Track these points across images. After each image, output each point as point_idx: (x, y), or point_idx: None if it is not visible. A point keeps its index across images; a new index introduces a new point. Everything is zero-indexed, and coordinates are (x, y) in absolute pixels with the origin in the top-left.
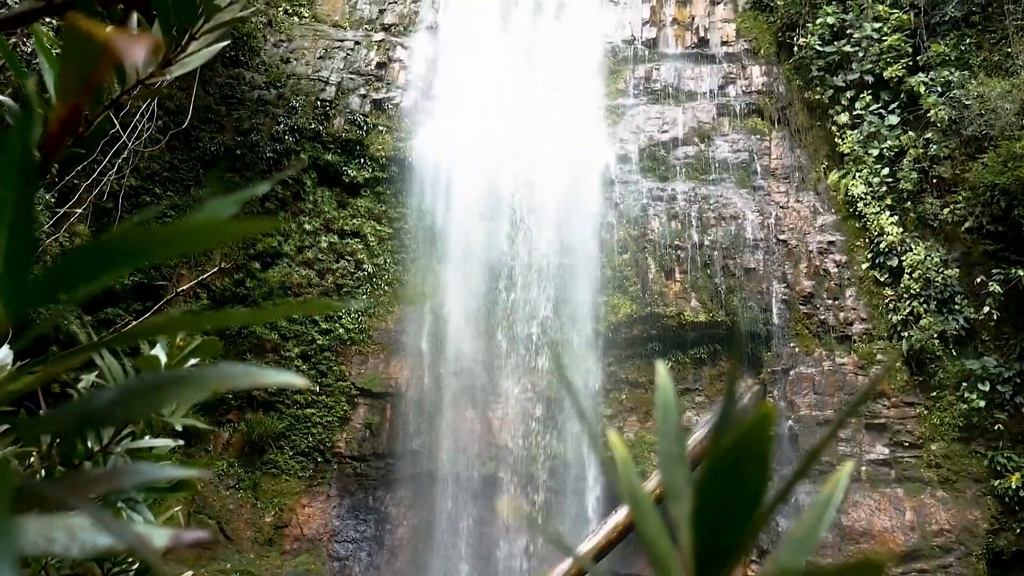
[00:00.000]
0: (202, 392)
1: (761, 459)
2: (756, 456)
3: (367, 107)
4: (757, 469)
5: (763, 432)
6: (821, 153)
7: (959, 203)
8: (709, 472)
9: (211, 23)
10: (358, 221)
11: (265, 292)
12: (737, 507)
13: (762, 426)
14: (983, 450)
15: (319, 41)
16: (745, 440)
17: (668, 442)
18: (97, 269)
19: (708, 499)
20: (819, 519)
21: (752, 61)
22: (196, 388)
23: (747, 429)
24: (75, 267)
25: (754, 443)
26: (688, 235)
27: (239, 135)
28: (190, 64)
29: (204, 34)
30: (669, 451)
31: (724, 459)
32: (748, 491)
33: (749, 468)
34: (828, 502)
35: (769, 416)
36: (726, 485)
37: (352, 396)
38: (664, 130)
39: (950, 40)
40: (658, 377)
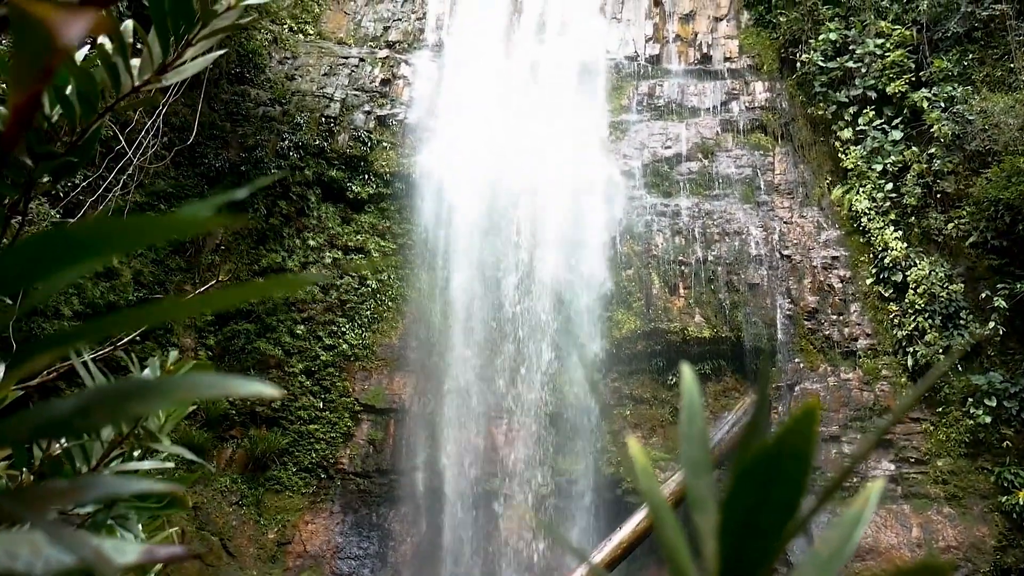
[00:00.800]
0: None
1: (801, 463)
2: (796, 460)
3: (371, 123)
4: (795, 475)
5: (806, 432)
6: (825, 168)
7: (963, 218)
8: (739, 479)
9: (208, 30)
10: (362, 237)
11: (269, 308)
12: (769, 518)
13: (805, 425)
14: (990, 466)
15: (324, 58)
16: (785, 442)
17: (693, 448)
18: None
19: (737, 509)
20: (847, 537)
21: (755, 77)
22: (162, 398)
23: (788, 428)
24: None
25: (795, 445)
26: (692, 251)
27: (244, 151)
28: (187, 71)
29: (201, 41)
30: (694, 457)
31: (757, 465)
32: (782, 500)
33: (786, 474)
34: (858, 520)
35: (814, 414)
36: (758, 494)
37: (355, 412)
38: (668, 146)
39: (953, 56)
40: (684, 380)
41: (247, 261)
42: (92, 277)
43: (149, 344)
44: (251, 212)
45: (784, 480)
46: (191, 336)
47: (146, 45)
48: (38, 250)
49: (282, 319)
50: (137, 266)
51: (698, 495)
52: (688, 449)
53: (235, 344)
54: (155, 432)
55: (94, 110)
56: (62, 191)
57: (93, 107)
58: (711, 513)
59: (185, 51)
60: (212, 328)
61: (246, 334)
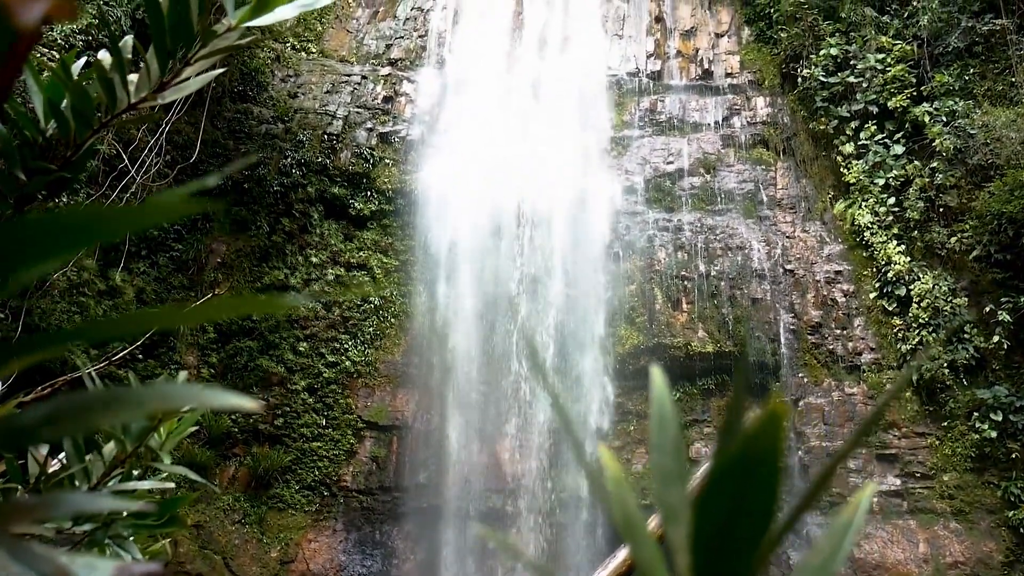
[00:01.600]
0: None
1: (771, 468)
2: (765, 464)
3: (373, 140)
4: (766, 481)
5: (773, 435)
6: (827, 183)
7: (966, 232)
8: (710, 487)
9: (208, 49)
10: (364, 254)
11: (272, 325)
12: (743, 528)
13: (771, 427)
14: (996, 480)
15: (326, 76)
16: (752, 446)
17: (663, 456)
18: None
19: (709, 519)
20: (837, 546)
21: (756, 92)
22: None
23: (754, 432)
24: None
25: (763, 449)
26: (695, 265)
27: (247, 169)
28: (185, 89)
29: (200, 60)
30: (664, 466)
31: (728, 472)
32: (756, 509)
33: (757, 480)
34: (847, 528)
35: (779, 415)
36: (730, 502)
37: (358, 429)
38: (670, 161)
39: (954, 70)
40: (653, 384)
41: (250, 278)
42: (95, 295)
43: (151, 363)
44: (253, 229)
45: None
46: (194, 354)
47: (145, 62)
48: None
49: (285, 336)
50: (140, 284)
51: (670, 506)
52: (658, 458)
53: (238, 361)
54: (156, 450)
55: (90, 126)
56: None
57: (89, 123)
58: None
59: (184, 69)
60: (215, 346)
61: (248, 351)
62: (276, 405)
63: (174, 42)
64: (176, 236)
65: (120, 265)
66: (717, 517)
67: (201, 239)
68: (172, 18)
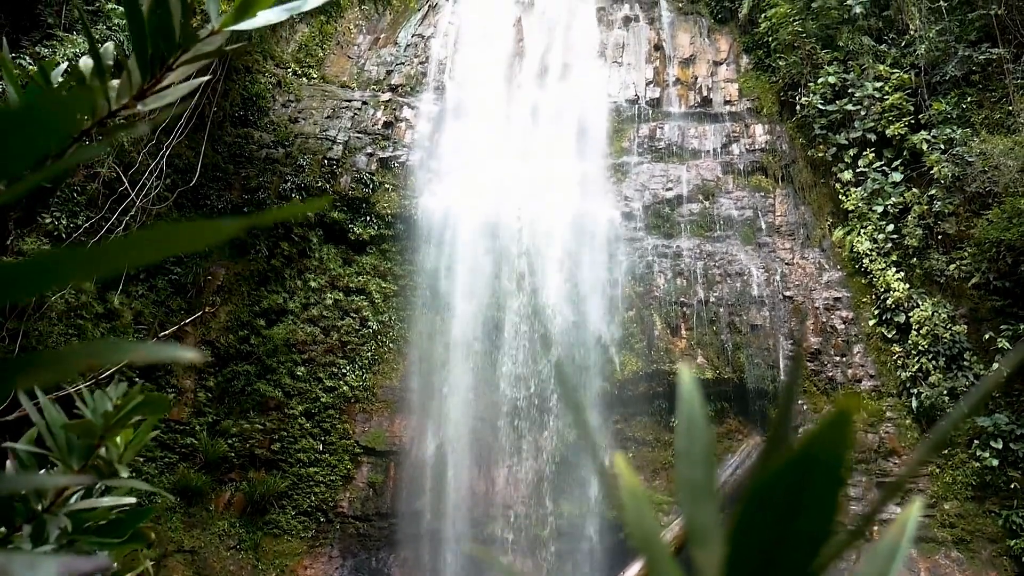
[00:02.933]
0: (66, 371)
1: (833, 480)
2: (826, 476)
3: (373, 165)
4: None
5: (840, 440)
6: (825, 210)
7: (965, 259)
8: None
9: (190, 55)
10: (363, 278)
11: (270, 349)
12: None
13: (839, 431)
14: (997, 509)
15: (327, 101)
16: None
17: (692, 466)
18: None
19: (749, 541)
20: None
21: (755, 120)
22: (60, 366)
23: (817, 435)
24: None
25: (826, 456)
26: (694, 292)
27: (246, 193)
28: (167, 97)
29: (183, 65)
30: (694, 480)
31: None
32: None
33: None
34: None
35: (848, 415)
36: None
37: (356, 454)
38: (669, 188)
39: (951, 99)
40: (681, 383)
41: (248, 302)
42: (92, 318)
43: (149, 385)
44: (252, 253)
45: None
46: (191, 377)
47: (127, 69)
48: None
49: (282, 360)
50: (138, 307)
51: (699, 525)
52: (687, 469)
53: (235, 385)
54: (113, 462)
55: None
56: (64, 231)
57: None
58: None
59: (166, 76)
60: (212, 370)
61: (246, 375)
62: (273, 430)
63: (155, 47)
64: (175, 259)
65: (119, 288)
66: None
67: (200, 263)
68: (153, 22)
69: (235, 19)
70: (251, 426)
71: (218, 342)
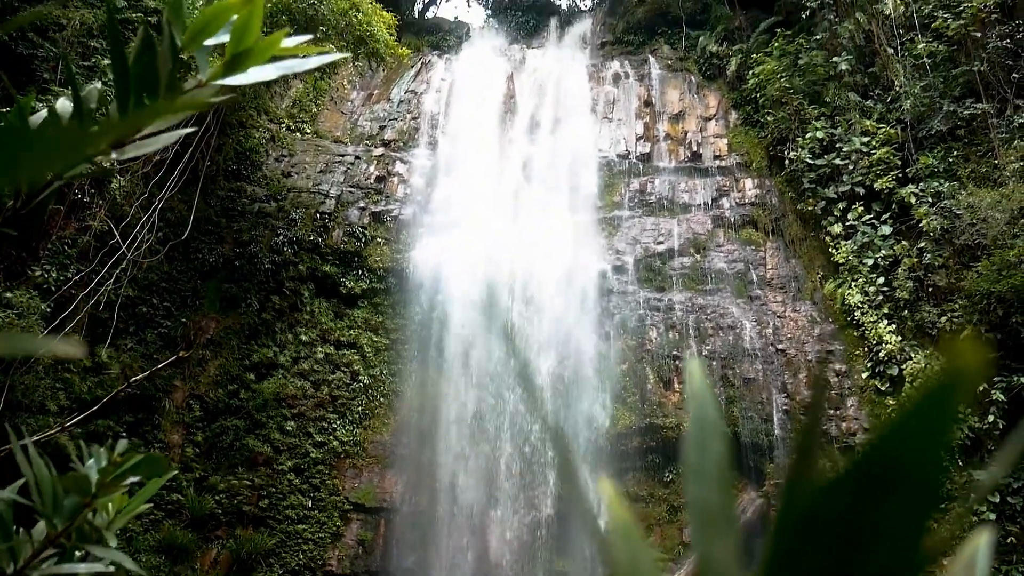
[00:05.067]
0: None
1: (924, 489)
2: (914, 484)
3: (366, 219)
4: (911, 515)
5: (939, 426)
6: (816, 263)
7: (956, 311)
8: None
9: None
10: (355, 332)
11: (259, 403)
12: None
13: (939, 409)
14: (996, 564)
15: (320, 156)
16: (895, 451)
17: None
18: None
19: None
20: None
21: (745, 174)
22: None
23: (914, 412)
24: None
25: (916, 455)
26: (686, 345)
27: (238, 246)
28: (146, 147)
29: (166, 115)
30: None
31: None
32: (883, 564)
33: (894, 512)
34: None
35: (955, 387)
36: (835, 552)
37: (345, 511)
38: (660, 241)
39: (937, 152)
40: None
41: (238, 356)
42: (80, 371)
43: (135, 440)
44: (243, 307)
45: (888, 526)
46: (179, 432)
47: (108, 114)
48: None
49: (272, 415)
50: (126, 360)
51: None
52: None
53: (223, 440)
54: (101, 529)
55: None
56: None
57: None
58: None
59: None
60: (200, 424)
61: (235, 430)
62: (261, 486)
63: (138, 95)
64: (165, 313)
65: (107, 341)
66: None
67: (190, 315)
68: (137, 69)
69: (224, 73)
70: (239, 482)
71: (207, 396)
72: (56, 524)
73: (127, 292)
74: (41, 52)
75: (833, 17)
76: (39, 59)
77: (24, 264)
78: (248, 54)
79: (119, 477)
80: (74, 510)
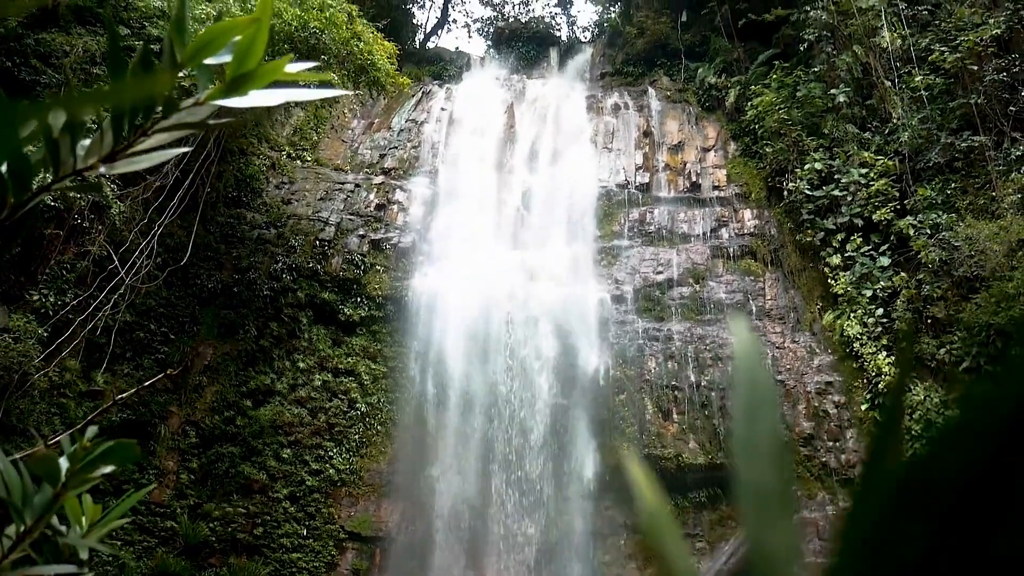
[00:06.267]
0: None
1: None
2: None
3: (365, 247)
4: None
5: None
6: (815, 294)
7: (955, 343)
8: (882, 503)
9: (170, 121)
10: (353, 360)
11: (256, 430)
12: None
13: None
14: None
15: (320, 183)
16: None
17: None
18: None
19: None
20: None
21: (744, 205)
22: None
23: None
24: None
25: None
26: (685, 375)
27: (237, 272)
28: (138, 164)
29: (159, 132)
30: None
31: (947, 461)
32: None
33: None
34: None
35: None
36: (948, 529)
37: (340, 540)
38: (659, 271)
39: (935, 184)
40: (738, 339)
41: (235, 383)
42: (76, 396)
43: (130, 466)
44: (241, 333)
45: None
46: (174, 458)
47: (101, 129)
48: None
49: (268, 442)
50: (122, 386)
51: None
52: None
53: (219, 468)
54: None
55: (27, 188)
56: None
57: (25, 185)
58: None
59: (139, 141)
60: (196, 451)
61: (231, 457)
62: (256, 513)
63: (133, 110)
64: (162, 338)
65: (103, 366)
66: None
67: (188, 342)
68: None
69: (223, 94)
70: (234, 509)
71: (203, 423)
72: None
73: (125, 317)
74: (44, 79)
75: (831, 50)
76: (41, 85)
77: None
78: (250, 76)
79: (90, 464)
80: (44, 505)
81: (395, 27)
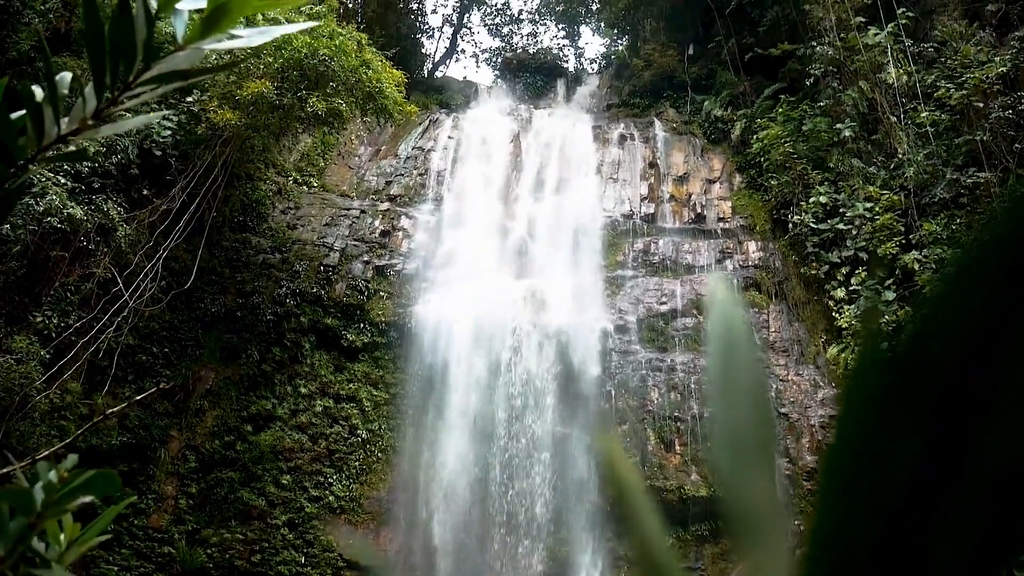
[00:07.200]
0: None
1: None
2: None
3: (370, 273)
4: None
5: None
6: (819, 327)
7: None
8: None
9: (152, 72)
10: (355, 385)
11: (256, 456)
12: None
13: None
14: None
15: (326, 209)
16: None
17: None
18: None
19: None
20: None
21: (748, 237)
22: None
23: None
24: None
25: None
26: (688, 406)
27: (241, 297)
28: (125, 124)
29: (143, 86)
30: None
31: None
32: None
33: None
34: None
35: None
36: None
37: (338, 568)
38: (663, 301)
39: (941, 219)
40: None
41: (236, 407)
42: (75, 418)
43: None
44: (243, 357)
45: None
46: (173, 483)
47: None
48: None
49: (268, 468)
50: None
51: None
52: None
53: (217, 493)
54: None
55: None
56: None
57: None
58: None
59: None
60: (195, 476)
61: (230, 483)
62: (255, 540)
63: (114, 64)
64: (165, 362)
65: (104, 389)
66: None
67: (190, 365)
68: (113, 33)
69: (201, 34)
70: (232, 536)
71: (203, 447)
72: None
73: (127, 340)
74: None
75: (837, 85)
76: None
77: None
78: (225, 8)
79: (68, 495)
80: (19, 532)
81: (404, 56)
